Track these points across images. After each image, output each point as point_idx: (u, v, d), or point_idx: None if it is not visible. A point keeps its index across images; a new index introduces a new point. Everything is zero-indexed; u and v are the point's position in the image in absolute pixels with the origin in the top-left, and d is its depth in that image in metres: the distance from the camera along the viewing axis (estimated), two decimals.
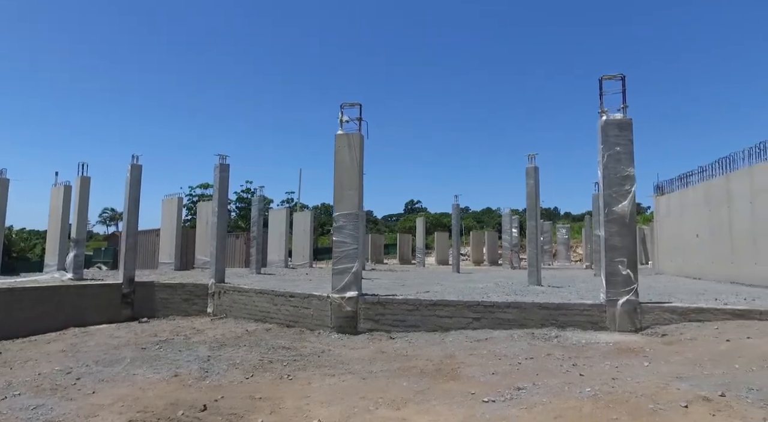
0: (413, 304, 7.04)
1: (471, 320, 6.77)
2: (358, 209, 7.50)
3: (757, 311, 5.98)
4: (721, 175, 12.51)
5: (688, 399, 3.78)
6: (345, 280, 7.28)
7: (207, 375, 5.01)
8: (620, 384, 4.26)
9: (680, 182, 15.27)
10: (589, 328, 6.51)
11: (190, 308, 10.09)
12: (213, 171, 10.84)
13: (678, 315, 6.24)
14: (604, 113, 6.67)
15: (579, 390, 4.14)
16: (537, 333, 6.43)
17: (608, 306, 6.43)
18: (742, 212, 11.45)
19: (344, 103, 7.58)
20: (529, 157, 9.97)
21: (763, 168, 10.68)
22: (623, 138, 6.49)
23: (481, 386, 4.43)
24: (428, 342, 6.38)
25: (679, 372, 4.52)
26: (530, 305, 6.67)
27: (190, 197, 40.80)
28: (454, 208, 17.63)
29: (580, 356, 5.35)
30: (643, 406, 3.74)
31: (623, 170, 6.43)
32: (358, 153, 7.54)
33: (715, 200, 12.80)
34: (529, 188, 9.89)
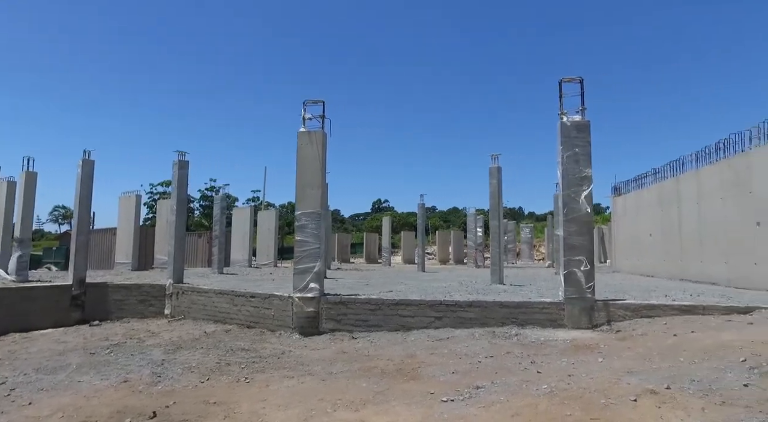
0: (376, 304, 7.00)
1: (433, 319, 6.78)
2: (320, 207, 7.39)
3: (700, 307, 6.26)
4: (672, 177, 13.08)
5: (637, 392, 3.89)
6: (307, 280, 7.16)
7: (159, 380, 4.81)
8: (575, 380, 4.35)
9: (636, 184, 15.87)
10: (548, 326, 6.64)
11: (147, 310, 9.70)
12: (172, 168, 10.47)
13: (631, 312, 6.45)
14: (564, 115, 6.82)
15: (536, 388, 4.20)
16: (498, 332, 6.51)
17: (566, 304, 6.58)
18: (690, 213, 12.01)
19: (307, 100, 7.46)
20: (493, 157, 10.12)
21: (708, 171, 11.22)
22: (581, 140, 6.65)
23: (441, 385, 4.43)
24: (390, 342, 6.36)
25: (630, 366, 4.66)
26: (491, 304, 6.75)
27: (151, 194, 39.51)
28: (420, 207, 17.72)
29: (539, 353, 5.44)
30: (596, 401, 3.82)
31: (581, 171, 6.60)
32: (321, 151, 7.43)
33: (666, 201, 13.37)
34: (492, 188, 10.03)
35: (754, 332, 5.26)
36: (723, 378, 4.05)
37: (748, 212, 9.70)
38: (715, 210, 10.86)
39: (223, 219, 16.11)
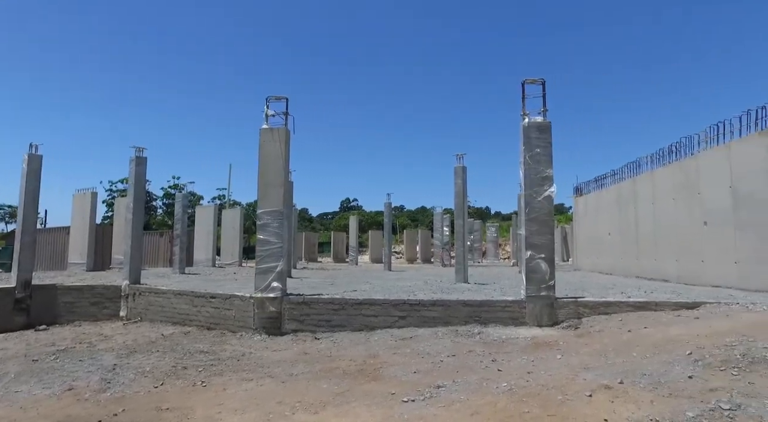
0: (339, 303, 6.92)
1: (397, 318, 6.77)
2: (283, 206, 7.25)
3: (653, 303, 6.49)
4: (629, 178, 13.56)
5: (592, 388, 3.98)
6: (269, 280, 7.01)
7: (109, 387, 4.58)
8: (534, 377, 4.42)
9: (596, 185, 16.38)
10: (510, 324, 6.73)
11: (100, 312, 9.28)
12: (129, 164, 10.06)
13: (589, 309, 6.62)
14: (526, 116, 6.93)
15: (496, 386, 4.24)
16: (461, 330, 6.56)
17: (528, 302, 6.69)
18: (646, 213, 12.49)
19: (270, 96, 7.30)
20: (458, 156, 10.21)
21: (662, 173, 11.70)
22: (543, 140, 6.78)
23: (402, 385, 4.41)
24: (353, 342, 6.30)
25: (586, 362, 4.76)
26: (455, 303, 6.79)
27: (110, 192, 38.01)
28: (387, 207, 17.72)
29: (500, 351, 5.50)
30: (553, 398, 3.88)
31: (543, 171, 6.73)
32: (284, 148, 7.29)
33: (624, 201, 13.86)
34: (457, 187, 10.12)
35: (699, 326, 5.49)
36: (671, 371, 4.19)
37: (696, 213, 10.16)
38: (668, 211, 11.33)
39: (185, 218, 15.63)
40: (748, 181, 8.66)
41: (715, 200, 9.53)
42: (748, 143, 8.71)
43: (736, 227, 8.94)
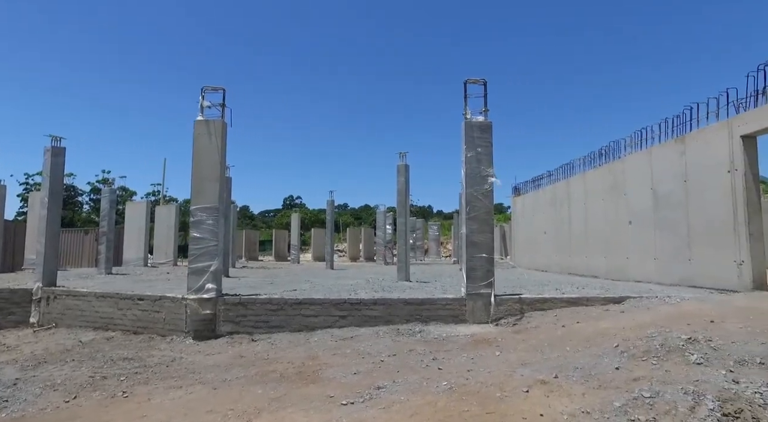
0: (278, 304, 6.67)
1: (337, 318, 6.63)
2: (219, 202, 6.88)
3: (585, 299, 6.80)
4: (564, 179, 14.23)
5: (529, 384, 4.06)
6: (203, 280, 6.63)
7: (6, 405, 4.08)
8: (474, 375, 4.44)
9: (533, 185, 17.06)
10: (450, 322, 6.79)
11: (4, 319, 8.35)
12: (43, 155, 9.17)
13: (526, 305, 6.82)
14: (468, 115, 7.02)
15: (436, 385, 4.21)
16: (402, 329, 6.53)
17: (468, 300, 6.77)
18: (578, 213, 13.16)
19: (206, 87, 6.89)
20: (401, 155, 10.22)
21: (593, 175, 12.36)
22: (484, 140, 6.89)
23: (342, 387, 4.28)
24: (292, 343, 6.09)
25: (524, 359, 4.87)
26: (396, 302, 6.75)
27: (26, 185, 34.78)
28: (329, 204, 17.49)
29: (440, 350, 5.51)
30: (492, 395, 3.91)
31: (484, 170, 6.84)
32: (220, 141, 6.92)
33: (558, 201, 14.53)
34: (399, 186, 10.13)
35: (625, 319, 5.80)
36: (600, 363, 4.37)
37: (622, 213, 10.82)
38: (598, 210, 11.99)
39: (113, 214, 14.58)
40: (666, 184, 9.32)
41: (639, 201, 10.19)
42: (666, 149, 9.37)
43: (656, 226, 9.59)
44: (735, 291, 7.43)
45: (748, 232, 7.42)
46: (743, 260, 7.47)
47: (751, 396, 3.38)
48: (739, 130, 7.59)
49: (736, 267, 7.56)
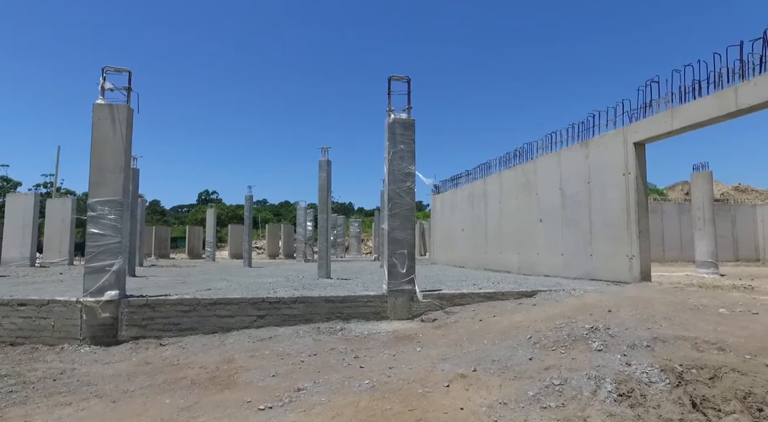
0: (190, 304, 6.21)
1: (255, 318, 6.32)
2: (123, 195, 6.25)
3: (500, 293, 7.12)
4: (481, 178, 14.87)
5: (450, 378, 4.12)
6: (102, 280, 5.98)
7: None
8: (396, 372, 4.43)
9: (452, 183, 17.65)
10: (372, 319, 6.76)
11: None
12: None
13: (446, 301, 6.98)
14: (391, 112, 7.02)
15: (358, 384, 4.14)
16: (323, 327, 6.39)
17: (389, 296, 6.79)
18: (494, 211, 13.82)
19: (108, 67, 6.20)
20: (323, 150, 10.02)
21: (508, 175, 13.05)
22: (407, 137, 6.94)
23: (259, 391, 4.06)
24: (206, 346, 5.70)
25: (444, 354, 4.96)
26: (316, 299, 6.59)
27: None
28: (247, 200, 16.78)
29: (362, 347, 5.46)
30: (414, 391, 3.92)
31: (406, 168, 6.89)
32: (126, 129, 6.28)
33: (476, 199, 15.15)
34: (321, 181, 9.93)
35: (537, 312, 6.14)
36: (515, 355, 4.56)
37: (534, 211, 11.53)
38: (512, 209, 12.67)
39: None
40: (572, 184, 10.07)
41: (549, 200, 10.90)
42: (572, 152, 10.12)
43: (563, 224, 10.33)
44: (627, 283, 8.21)
45: (638, 230, 8.22)
46: (634, 254, 8.26)
47: (639, 376, 3.72)
48: (631, 137, 8.37)
49: (628, 261, 8.35)
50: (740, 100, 6.30)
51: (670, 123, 7.59)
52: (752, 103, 6.15)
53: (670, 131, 7.68)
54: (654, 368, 3.84)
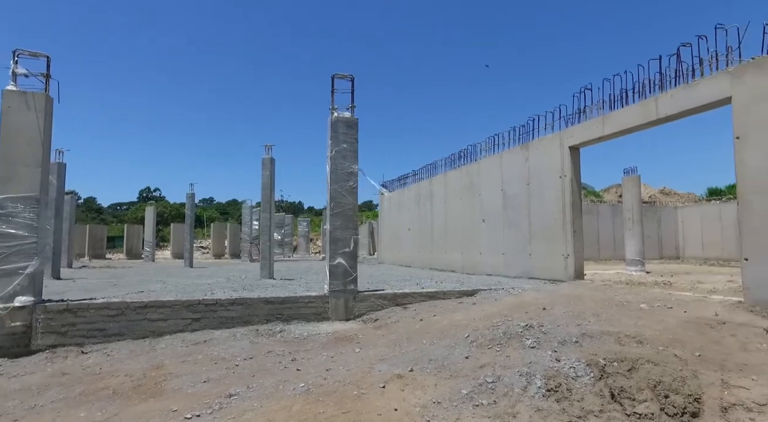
0: (117, 308, 5.83)
1: (190, 321, 6.04)
2: (41, 191, 5.77)
3: (442, 292, 7.22)
4: (427, 178, 15.06)
5: (386, 379, 4.10)
6: (13, 284, 5.48)
7: None
8: (332, 374, 4.36)
9: (399, 183, 17.76)
10: (313, 320, 6.65)
11: None
12: None
13: (388, 301, 6.98)
14: (335, 111, 6.93)
15: (293, 387, 4.03)
16: (261, 330, 6.21)
17: (331, 297, 6.70)
18: (439, 211, 14.03)
19: (20, 50, 5.69)
20: (266, 147, 9.76)
21: (453, 175, 13.29)
22: (350, 136, 6.87)
23: (188, 399, 3.86)
24: (134, 353, 5.37)
25: (382, 354, 4.94)
26: (256, 301, 6.40)
27: None
28: (189, 197, 16.10)
29: (301, 349, 5.34)
30: (349, 394, 3.86)
31: (348, 167, 6.82)
32: (44, 119, 5.80)
33: (422, 199, 15.33)
34: (264, 179, 9.66)
35: (476, 310, 6.26)
36: (452, 354, 4.62)
37: (477, 211, 11.81)
38: (457, 209, 12.91)
39: None
40: (513, 186, 10.39)
41: (491, 200, 11.20)
42: (514, 154, 10.45)
43: (505, 224, 10.65)
44: (562, 281, 8.57)
45: (572, 230, 8.60)
46: (569, 254, 8.64)
47: (567, 371, 3.85)
48: (567, 141, 8.75)
49: (564, 260, 8.73)
50: (660, 110, 6.73)
51: (602, 129, 8.00)
52: (670, 113, 6.59)
53: (601, 136, 8.09)
54: (581, 362, 3.99)
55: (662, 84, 6.79)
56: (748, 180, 5.55)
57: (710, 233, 20.46)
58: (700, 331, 4.70)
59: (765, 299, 5.29)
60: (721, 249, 19.54)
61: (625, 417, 3.39)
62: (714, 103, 6.06)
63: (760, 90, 5.45)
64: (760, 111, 5.44)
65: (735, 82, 5.73)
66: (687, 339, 4.47)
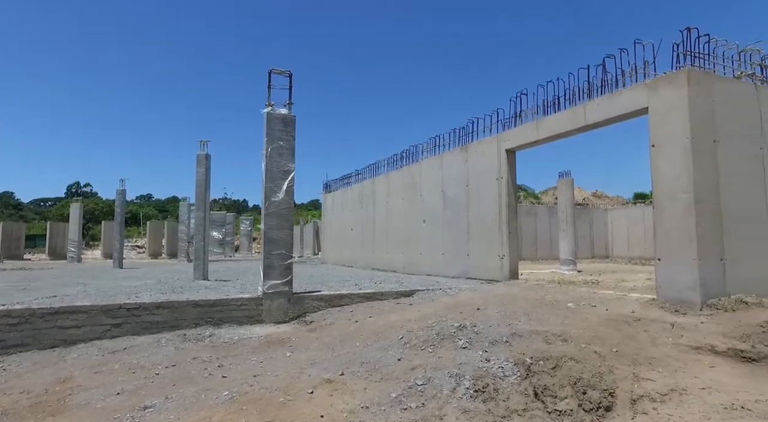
0: (20, 316, 5.31)
1: (109, 327, 5.62)
2: None
3: (380, 293, 7.18)
4: (370, 178, 15.02)
5: (315, 384, 3.99)
6: None
7: None
8: (260, 380, 4.19)
9: (343, 182, 17.61)
10: (246, 323, 6.40)
11: None
12: None
13: (325, 302, 6.85)
14: (271, 107, 6.71)
15: (216, 396, 3.83)
16: (190, 334, 5.89)
17: (265, 299, 6.48)
18: (381, 211, 14.04)
19: None
20: (201, 143, 9.30)
21: (395, 176, 13.34)
22: (287, 133, 6.68)
23: (94, 415, 3.56)
24: (39, 365, 4.91)
25: (314, 357, 4.81)
26: (184, 304, 6.06)
27: None
28: (119, 194, 15.10)
29: (229, 355, 5.11)
30: (275, 401, 3.72)
31: (285, 165, 6.62)
32: None
33: (365, 199, 15.27)
34: (199, 176, 9.21)
35: (412, 311, 6.27)
36: (385, 356, 4.57)
37: (418, 212, 11.91)
38: (399, 209, 12.97)
39: None
40: (453, 187, 10.57)
41: (432, 201, 11.33)
42: (453, 156, 10.63)
43: (444, 224, 10.80)
44: (498, 281, 8.80)
45: (507, 231, 8.86)
46: (504, 254, 8.89)
47: (496, 371, 3.91)
48: (504, 144, 9.00)
49: (499, 260, 8.97)
50: (588, 117, 7.07)
51: (536, 133, 8.29)
52: (596, 120, 6.94)
53: (536, 140, 8.38)
54: (509, 362, 4.07)
55: (590, 92, 7.13)
56: (662, 186, 5.93)
57: (635, 233, 21.92)
58: (618, 328, 4.95)
59: (674, 297, 5.67)
60: (644, 249, 20.98)
61: (546, 415, 3.48)
62: (634, 112, 6.43)
63: (672, 102, 5.84)
64: (672, 122, 5.82)
65: (651, 94, 6.10)
66: (606, 336, 4.69)
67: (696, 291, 5.44)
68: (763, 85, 6.36)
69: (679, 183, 5.70)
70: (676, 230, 5.71)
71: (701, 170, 5.64)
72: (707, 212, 5.61)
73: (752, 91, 6.21)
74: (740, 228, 5.84)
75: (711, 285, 5.51)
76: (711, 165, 5.73)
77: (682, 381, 3.69)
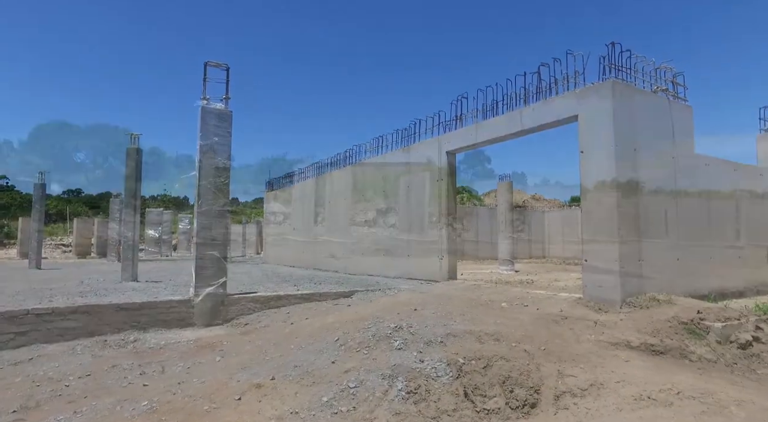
0: None
1: (12, 336, 5.12)
2: None
3: (318, 294, 7.06)
4: (313, 177, 14.80)
5: (243, 390, 3.84)
6: None
7: None
8: (184, 388, 3.97)
9: (286, 180, 17.23)
10: (175, 326, 6.08)
11: None
12: None
13: (261, 304, 6.64)
14: (206, 101, 6.41)
15: (133, 407, 3.58)
16: (111, 340, 5.49)
17: (196, 301, 6.18)
18: (323, 210, 13.87)
19: None
20: (132, 137, 8.73)
21: (338, 175, 13.21)
22: (223, 129, 6.41)
23: None
24: None
25: (245, 362, 4.63)
26: (106, 308, 5.65)
27: None
28: (36, 188, 13.92)
29: (154, 361, 4.82)
30: (199, 409, 3.54)
31: (220, 162, 6.35)
32: None
33: (307, 198, 15.03)
34: (128, 171, 8.64)
35: (349, 312, 6.21)
36: (319, 359, 4.48)
37: (360, 211, 11.87)
38: (341, 209, 12.86)
39: None
40: (394, 187, 10.61)
41: (374, 201, 11.32)
42: (396, 156, 10.68)
43: (386, 224, 10.83)
44: (437, 281, 8.93)
45: (447, 232, 9.01)
46: (443, 255, 9.03)
47: (429, 372, 3.93)
48: (445, 146, 9.15)
49: (439, 261, 9.10)
50: (524, 122, 7.33)
51: (475, 136, 8.48)
52: (532, 125, 7.21)
53: (475, 143, 8.58)
54: (442, 362, 4.10)
55: (526, 98, 7.40)
56: (589, 191, 6.25)
57: (570, 234, 23.10)
58: (546, 327, 5.14)
59: (597, 296, 5.99)
60: (578, 250, 22.10)
61: (475, 414, 3.53)
62: (566, 119, 6.74)
63: (598, 111, 6.17)
64: (597, 130, 6.15)
65: (580, 103, 6.42)
66: (536, 335, 4.85)
67: (617, 290, 5.78)
68: (675, 99, 6.89)
69: (604, 188, 6.02)
70: (601, 232, 6.03)
71: (623, 176, 5.99)
72: (628, 216, 5.97)
73: (666, 105, 6.70)
74: (654, 230, 6.27)
75: (630, 284, 5.87)
76: (632, 172, 6.11)
77: (601, 376, 3.88)
